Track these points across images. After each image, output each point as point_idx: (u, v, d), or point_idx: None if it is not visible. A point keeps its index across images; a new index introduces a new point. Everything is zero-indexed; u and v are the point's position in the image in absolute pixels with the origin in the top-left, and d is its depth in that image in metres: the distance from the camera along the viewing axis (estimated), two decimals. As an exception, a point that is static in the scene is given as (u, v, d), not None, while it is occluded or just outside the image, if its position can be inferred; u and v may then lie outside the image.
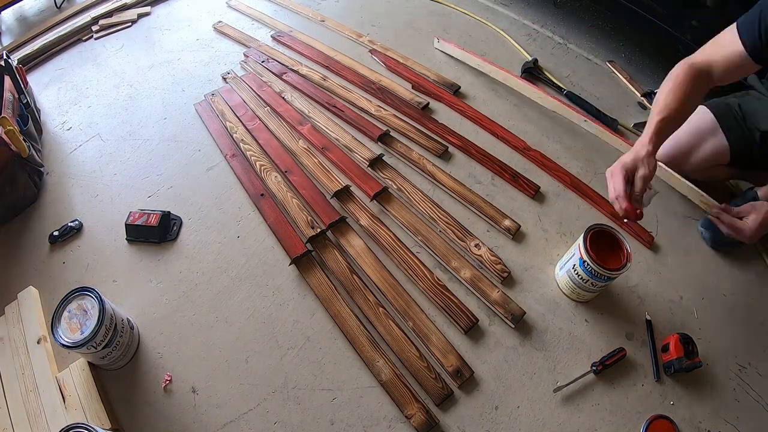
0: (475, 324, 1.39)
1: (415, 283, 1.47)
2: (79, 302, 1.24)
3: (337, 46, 2.33)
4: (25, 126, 1.79)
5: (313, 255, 1.55)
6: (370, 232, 1.58)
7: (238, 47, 2.39)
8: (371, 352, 1.34)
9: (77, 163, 1.88)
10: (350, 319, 1.40)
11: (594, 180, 1.75)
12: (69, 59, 2.41)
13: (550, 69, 2.19)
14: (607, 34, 2.43)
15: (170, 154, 1.88)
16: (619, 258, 1.30)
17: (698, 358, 1.27)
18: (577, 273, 1.33)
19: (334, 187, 1.68)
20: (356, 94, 2.07)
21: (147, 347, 1.39)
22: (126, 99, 2.14)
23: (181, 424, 1.25)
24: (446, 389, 1.27)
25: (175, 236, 1.63)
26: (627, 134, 1.92)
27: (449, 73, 2.15)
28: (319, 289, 1.47)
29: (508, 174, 1.75)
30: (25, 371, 1.31)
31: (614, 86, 2.02)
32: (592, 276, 1.29)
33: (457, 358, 1.33)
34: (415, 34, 2.40)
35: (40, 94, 2.20)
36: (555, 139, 1.89)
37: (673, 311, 1.45)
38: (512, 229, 1.58)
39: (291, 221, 1.63)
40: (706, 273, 1.54)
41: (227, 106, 2.03)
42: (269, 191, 1.72)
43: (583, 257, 1.28)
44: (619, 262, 1.29)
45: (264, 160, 1.81)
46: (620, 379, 1.31)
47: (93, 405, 1.23)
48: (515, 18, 2.47)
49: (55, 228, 1.64)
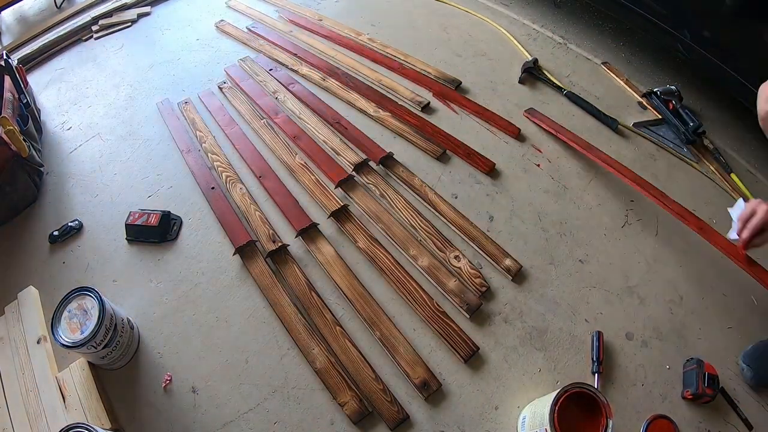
0: (476, 352, 1.36)
1: (413, 309, 1.44)
2: (79, 302, 1.25)
3: (336, 46, 2.34)
4: (25, 126, 1.80)
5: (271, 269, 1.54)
6: (368, 255, 1.55)
7: (238, 47, 2.39)
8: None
9: (77, 163, 1.89)
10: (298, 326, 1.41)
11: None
12: (69, 59, 2.43)
13: (550, 69, 2.19)
14: (608, 34, 2.43)
15: (170, 154, 1.89)
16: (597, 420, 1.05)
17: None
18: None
19: (332, 206, 1.66)
20: (355, 94, 2.07)
21: (147, 347, 1.40)
22: (126, 99, 2.15)
23: (181, 423, 1.26)
24: (401, 413, 1.24)
25: (175, 236, 1.63)
26: (627, 133, 1.92)
27: (449, 70, 2.15)
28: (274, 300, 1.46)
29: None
30: (25, 371, 1.31)
31: (614, 86, 2.02)
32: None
33: (425, 370, 1.31)
34: (415, 33, 2.40)
35: (40, 94, 2.21)
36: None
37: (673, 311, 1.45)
38: (512, 269, 1.51)
39: (252, 233, 1.62)
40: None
41: (206, 113, 2.06)
42: (234, 203, 1.71)
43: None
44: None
45: (231, 171, 1.81)
46: (621, 379, 1.31)
47: (93, 405, 1.23)
48: (515, 18, 2.47)
49: (55, 228, 1.65)
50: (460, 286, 1.46)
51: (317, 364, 1.32)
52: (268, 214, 1.67)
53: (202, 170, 1.79)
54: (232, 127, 1.96)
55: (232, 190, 1.73)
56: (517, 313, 1.44)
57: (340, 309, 1.46)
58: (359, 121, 1.97)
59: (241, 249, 1.55)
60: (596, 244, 1.59)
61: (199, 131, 1.95)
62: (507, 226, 1.63)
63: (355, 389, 1.27)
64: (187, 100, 2.10)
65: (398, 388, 1.30)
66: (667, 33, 1.97)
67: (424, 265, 1.51)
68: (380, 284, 1.50)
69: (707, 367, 1.24)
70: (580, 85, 2.13)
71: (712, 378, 1.22)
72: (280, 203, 1.69)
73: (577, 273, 1.52)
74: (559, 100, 2.05)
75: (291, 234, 1.61)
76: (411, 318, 1.43)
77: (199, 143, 1.91)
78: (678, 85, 1.99)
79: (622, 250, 1.57)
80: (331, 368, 1.31)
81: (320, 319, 1.42)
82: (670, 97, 1.96)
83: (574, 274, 1.52)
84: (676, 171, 1.80)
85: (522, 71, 2.13)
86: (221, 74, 2.24)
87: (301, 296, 1.46)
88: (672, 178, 1.77)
